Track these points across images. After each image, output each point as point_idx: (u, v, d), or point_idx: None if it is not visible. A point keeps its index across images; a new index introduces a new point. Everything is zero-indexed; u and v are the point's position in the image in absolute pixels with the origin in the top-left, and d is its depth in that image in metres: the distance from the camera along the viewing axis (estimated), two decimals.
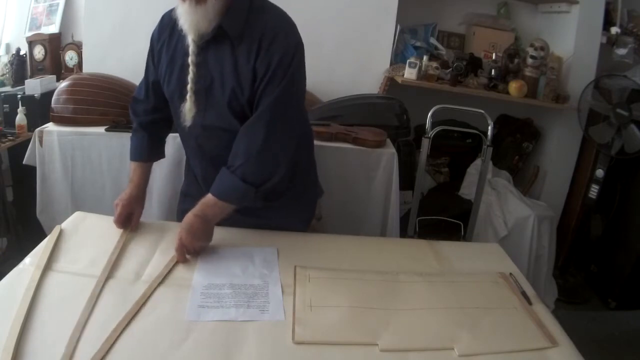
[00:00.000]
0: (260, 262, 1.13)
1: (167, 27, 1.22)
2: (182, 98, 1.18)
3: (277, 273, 1.09)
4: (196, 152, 1.31)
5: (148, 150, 1.35)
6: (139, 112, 1.35)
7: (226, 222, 1.28)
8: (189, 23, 1.09)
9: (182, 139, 1.35)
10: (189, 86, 1.15)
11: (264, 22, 1.13)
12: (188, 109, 1.17)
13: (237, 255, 1.15)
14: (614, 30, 2.59)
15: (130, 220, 1.24)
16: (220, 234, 1.22)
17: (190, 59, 1.13)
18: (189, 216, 1.13)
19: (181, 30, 1.13)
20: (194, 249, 1.12)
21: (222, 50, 1.13)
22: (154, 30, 1.27)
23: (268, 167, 1.16)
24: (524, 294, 1.10)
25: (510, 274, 1.18)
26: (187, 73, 1.15)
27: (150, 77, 1.31)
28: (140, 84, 1.36)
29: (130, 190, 1.28)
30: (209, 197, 1.15)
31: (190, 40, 1.12)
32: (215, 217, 1.16)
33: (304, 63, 1.20)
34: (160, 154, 1.41)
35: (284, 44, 1.12)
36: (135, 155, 1.34)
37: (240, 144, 1.15)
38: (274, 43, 1.11)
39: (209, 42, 1.13)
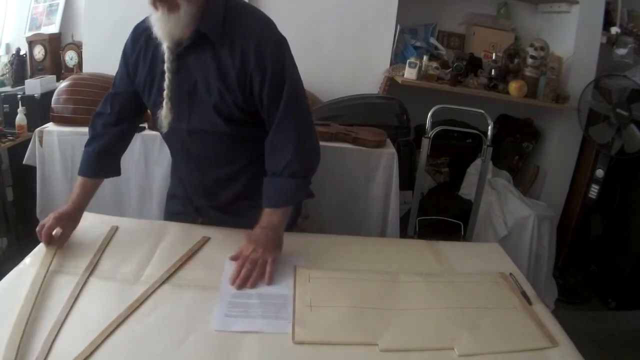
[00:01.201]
0: (287, 272, 1.10)
1: (142, 37, 1.20)
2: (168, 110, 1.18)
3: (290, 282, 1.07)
4: (182, 155, 1.30)
5: (96, 166, 1.28)
6: (97, 125, 1.30)
7: (212, 222, 1.31)
8: (162, 31, 1.08)
9: (168, 143, 1.33)
10: (164, 93, 1.14)
11: (244, 24, 1.13)
12: (164, 116, 1.16)
13: None
14: (614, 30, 2.60)
15: (60, 235, 1.15)
16: (211, 233, 1.22)
17: (165, 66, 1.12)
18: (255, 231, 1.14)
19: (156, 38, 1.11)
20: (265, 262, 1.08)
21: (203, 53, 1.12)
22: (127, 42, 1.25)
23: (308, 157, 1.21)
24: (524, 294, 1.10)
25: (510, 274, 1.18)
26: (158, 81, 1.16)
27: (119, 89, 1.27)
28: (105, 99, 1.30)
29: (67, 207, 1.19)
30: (269, 210, 1.16)
31: (165, 47, 1.11)
32: (282, 223, 1.17)
33: (291, 54, 1.20)
34: (113, 171, 1.34)
35: (271, 46, 1.13)
36: (81, 170, 1.28)
37: (275, 150, 1.18)
38: (262, 46, 1.11)
39: (188, 47, 1.12)
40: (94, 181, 1.28)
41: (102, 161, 1.29)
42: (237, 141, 1.23)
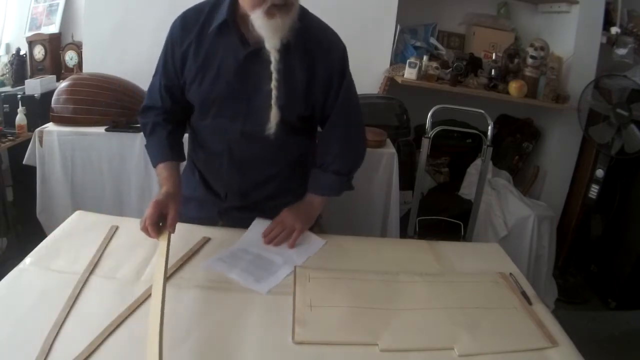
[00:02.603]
0: (300, 247, 1.21)
1: (194, 28, 1.16)
2: (220, 105, 1.19)
3: (302, 260, 1.16)
4: (225, 155, 1.27)
5: (170, 149, 1.26)
6: (149, 115, 1.28)
7: (234, 222, 1.30)
8: (277, 35, 1.08)
9: (208, 142, 1.29)
10: (273, 94, 1.14)
11: (313, 32, 1.17)
12: (273, 116, 1.16)
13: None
14: (614, 30, 2.60)
15: (169, 217, 1.11)
16: (211, 233, 1.22)
17: (272, 67, 1.11)
18: (296, 204, 1.28)
19: (215, 33, 1.13)
20: (293, 229, 1.21)
21: (271, 58, 1.12)
22: (175, 31, 1.20)
23: (353, 157, 1.34)
24: (524, 294, 1.10)
25: (510, 274, 1.18)
26: (227, 79, 1.16)
27: (165, 80, 1.24)
28: (152, 91, 1.28)
29: (162, 191, 1.17)
30: (313, 197, 1.30)
31: (273, 51, 1.10)
32: (320, 205, 1.32)
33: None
34: (182, 156, 1.31)
35: (338, 51, 1.22)
36: (157, 157, 1.25)
37: (324, 145, 1.30)
38: (331, 52, 1.19)
39: (256, 51, 1.12)
40: (173, 164, 1.26)
41: (173, 145, 1.28)
42: (283, 144, 1.25)
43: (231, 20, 1.13)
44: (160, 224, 1.10)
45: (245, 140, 1.23)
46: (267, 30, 1.07)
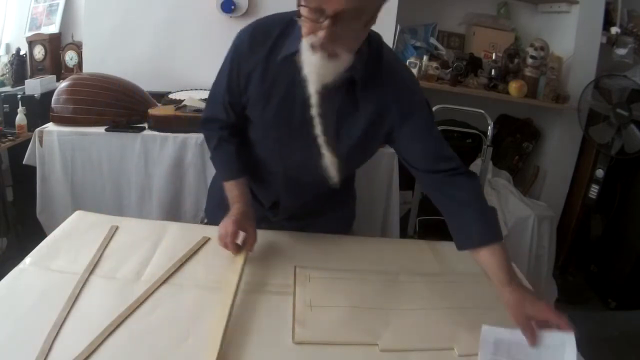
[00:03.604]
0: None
1: (261, 50, 1.07)
2: (282, 133, 1.12)
3: None
4: (278, 177, 1.23)
5: (238, 166, 1.21)
6: (213, 128, 1.23)
7: (268, 226, 1.28)
8: (316, 75, 0.97)
9: (260, 158, 1.23)
10: (321, 139, 1.06)
11: (387, 68, 1.07)
12: (330, 163, 1.08)
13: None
14: (614, 30, 2.60)
15: (247, 237, 1.11)
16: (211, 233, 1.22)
17: (314, 111, 1.02)
18: (516, 295, 0.96)
19: (283, 60, 1.03)
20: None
21: (345, 94, 1.05)
22: (242, 48, 1.10)
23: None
24: None
25: None
26: (291, 112, 1.08)
27: (229, 97, 1.17)
28: (214, 102, 1.21)
29: (236, 208, 1.13)
30: (500, 249, 1.00)
31: (313, 91, 1.00)
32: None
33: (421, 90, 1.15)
34: (248, 170, 1.24)
35: (409, 92, 1.09)
36: (227, 175, 1.20)
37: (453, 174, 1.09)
38: (401, 94, 1.07)
39: (334, 88, 1.01)
40: (243, 180, 1.21)
41: (241, 161, 1.22)
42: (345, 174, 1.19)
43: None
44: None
45: (304, 169, 1.16)
46: (307, 66, 0.96)
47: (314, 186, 1.21)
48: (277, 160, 1.20)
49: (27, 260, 1.06)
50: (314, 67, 0.96)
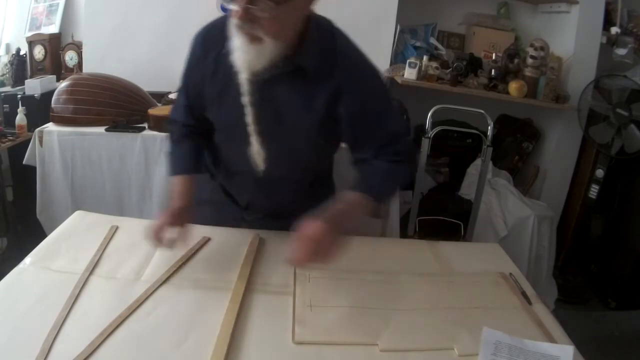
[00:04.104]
0: None
1: (213, 48, 1.07)
2: (239, 136, 1.11)
3: None
4: (247, 177, 1.22)
5: (190, 162, 1.22)
6: (175, 127, 1.24)
7: (246, 226, 1.28)
8: (242, 60, 0.98)
9: (228, 160, 1.25)
10: (250, 128, 1.07)
11: (341, 58, 1.06)
12: (256, 153, 1.11)
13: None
14: (614, 30, 2.59)
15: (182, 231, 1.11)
16: (211, 233, 1.22)
17: (245, 100, 1.04)
18: (332, 209, 0.98)
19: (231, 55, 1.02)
20: (325, 250, 0.93)
21: (294, 83, 1.05)
22: (196, 48, 1.12)
23: (409, 171, 1.18)
24: (524, 294, 1.10)
25: (510, 274, 1.18)
26: (244, 112, 1.07)
27: (187, 101, 1.19)
28: (177, 105, 1.24)
29: (178, 202, 1.14)
30: (358, 196, 1.03)
31: (243, 78, 1.01)
32: (359, 215, 1.05)
33: (382, 77, 1.17)
34: (200, 168, 1.26)
35: (373, 82, 1.12)
36: (177, 169, 1.21)
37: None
38: (365, 83, 1.09)
39: (278, 76, 1.02)
40: (190, 177, 1.21)
41: (195, 159, 1.23)
42: (313, 165, 1.21)
43: None
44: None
45: (270, 164, 1.17)
46: (235, 51, 0.98)
47: (284, 183, 1.22)
48: (245, 158, 1.18)
49: (27, 260, 1.06)
50: (239, 51, 0.97)
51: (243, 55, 0.97)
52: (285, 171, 1.19)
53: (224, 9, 0.98)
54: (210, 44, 1.09)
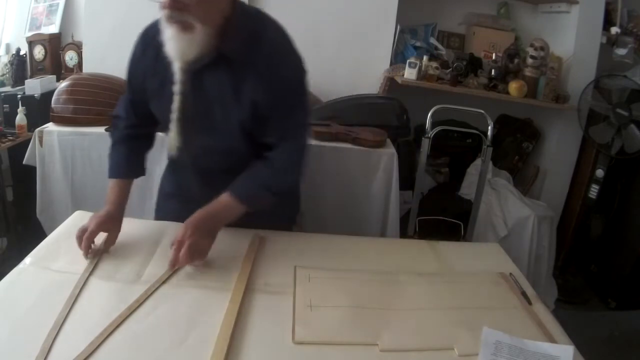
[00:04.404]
0: None
1: (153, 43, 1.11)
2: (178, 121, 1.15)
3: None
4: (188, 167, 1.28)
5: (127, 166, 1.27)
6: (119, 126, 1.29)
7: None
8: (174, 50, 1.02)
9: (180, 168, 1.31)
10: (173, 115, 1.11)
11: (263, 46, 1.08)
12: (172, 138, 1.14)
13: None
14: (614, 30, 2.59)
15: (107, 239, 1.13)
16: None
17: (176, 88, 1.07)
18: (199, 212, 1.10)
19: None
20: (193, 249, 1.03)
21: (221, 72, 1.08)
22: (136, 48, 1.18)
23: (289, 178, 1.22)
24: (524, 294, 1.10)
25: (510, 274, 1.18)
26: (181, 96, 1.10)
27: (130, 96, 1.25)
28: (120, 100, 1.29)
29: (107, 209, 1.16)
30: (226, 197, 1.12)
31: (176, 68, 1.06)
32: (226, 219, 1.14)
33: (304, 70, 1.16)
34: (140, 171, 1.31)
35: (289, 70, 1.12)
36: (114, 172, 1.25)
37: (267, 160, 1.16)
38: (280, 71, 1.09)
39: (207, 65, 1.07)
40: (126, 181, 1.26)
41: (130, 164, 1.27)
42: (245, 155, 1.21)
43: None
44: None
45: (209, 156, 1.21)
46: (167, 42, 1.01)
47: (226, 172, 1.22)
48: (185, 149, 1.21)
49: (27, 260, 1.06)
50: (171, 40, 1.00)
51: (175, 44, 1.01)
52: (215, 162, 1.21)
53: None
54: (148, 41, 1.14)
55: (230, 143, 1.17)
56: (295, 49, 1.14)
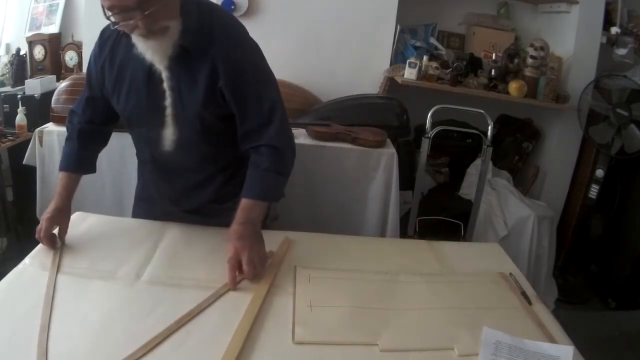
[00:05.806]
0: None
1: (107, 44, 1.18)
2: (137, 117, 1.20)
3: None
4: (150, 163, 1.30)
5: (77, 161, 1.29)
6: (74, 121, 1.31)
7: (173, 219, 1.30)
8: (158, 55, 1.08)
9: (141, 151, 1.33)
10: (168, 112, 1.15)
11: (215, 35, 1.10)
12: (171, 133, 1.18)
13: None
14: (614, 30, 2.59)
15: (56, 236, 1.16)
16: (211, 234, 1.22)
17: (165, 85, 1.12)
18: (235, 227, 1.09)
19: (125, 45, 1.12)
20: (253, 259, 1.04)
21: (179, 64, 1.11)
22: (94, 47, 1.22)
23: (289, 153, 1.21)
24: (524, 294, 1.10)
25: (510, 274, 1.18)
26: (147, 96, 1.14)
27: (88, 92, 1.28)
28: (79, 100, 1.32)
29: (54, 203, 1.20)
30: (248, 201, 1.13)
31: (162, 68, 1.10)
32: (259, 218, 1.14)
33: (260, 51, 1.20)
34: (90, 168, 1.33)
35: (248, 51, 1.15)
36: (63, 165, 1.27)
37: (258, 145, 1.17)
38: (239, 53, 1.12)
39: (173, 59, 1.11)
40: (74, 176, 1.28)
41: (80, 159, 1.29)
42: (206, 150, 1.23)
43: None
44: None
45: (178, 149, 1.21)
46: (147, 51, 1.07)
47: (185, 169, 1.26)
48: (145, 146, 1.26)
49: (27, 260, 1.07)
50: (153, 49, 1.06)
51: (156, 48, 1.06)
52: (173, 154, 1.22)
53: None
54: (105, 38, 1.19)
55: (193, 136, 1.19)
56: (247, 31, 1.17)
